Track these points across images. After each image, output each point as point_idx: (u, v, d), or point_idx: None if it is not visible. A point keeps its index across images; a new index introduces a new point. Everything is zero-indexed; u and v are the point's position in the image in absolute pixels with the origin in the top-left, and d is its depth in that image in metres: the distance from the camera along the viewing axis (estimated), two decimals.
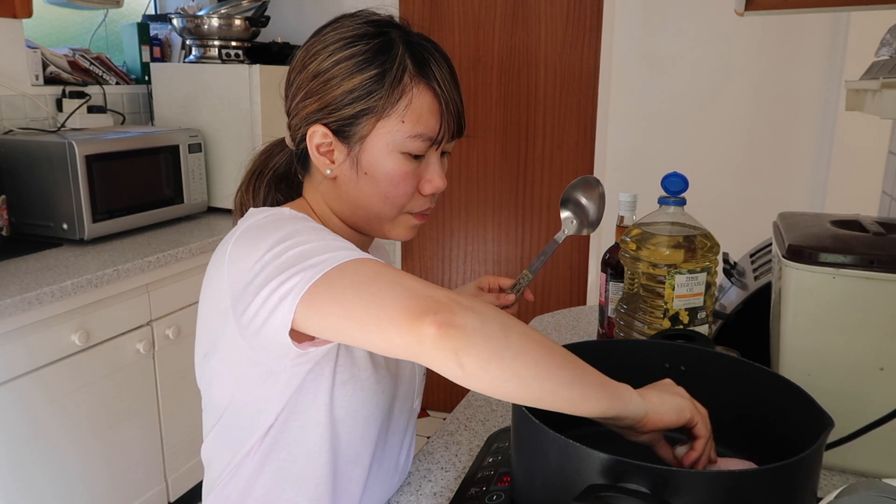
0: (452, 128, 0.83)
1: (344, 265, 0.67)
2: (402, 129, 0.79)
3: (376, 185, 0.82)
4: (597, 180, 1.10)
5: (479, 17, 2.78)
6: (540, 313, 1.63)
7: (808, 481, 0.65)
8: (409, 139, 0.80)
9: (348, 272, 0.66)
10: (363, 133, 0.80)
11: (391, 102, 0.79)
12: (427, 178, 0.84)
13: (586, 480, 0.61)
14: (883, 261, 0.85)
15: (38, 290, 1.62)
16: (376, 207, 0.84)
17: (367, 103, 0.79)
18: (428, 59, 0.80)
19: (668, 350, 0.86)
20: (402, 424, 0.94)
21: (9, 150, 2.07)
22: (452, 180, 2.95)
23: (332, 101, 0.80)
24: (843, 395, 0.86)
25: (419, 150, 0.81)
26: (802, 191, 2.43)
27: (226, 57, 2.56)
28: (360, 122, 0.80)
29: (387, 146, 0.80)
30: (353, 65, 0.79)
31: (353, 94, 0.79)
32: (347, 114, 0.80)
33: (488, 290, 1.11)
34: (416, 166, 0.82)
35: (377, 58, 0.79)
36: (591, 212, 1.08)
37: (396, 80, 0.78)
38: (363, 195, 0.83)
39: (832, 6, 1.35)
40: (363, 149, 0.81)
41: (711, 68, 2.45)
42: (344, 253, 0.69)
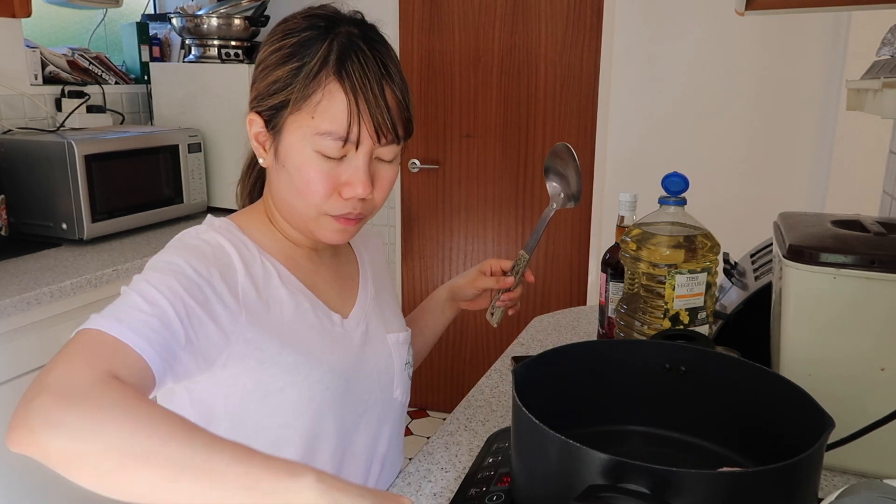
0: (372, 132, 0.80)
1: (82, 332, 0.67)
2: (311, 125, 0.79)
3: (291, 179, 0.83)
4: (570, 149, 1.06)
5: (479, 17, 2.77)
6: (540, 313, 1.63)
7: (808, 482, 0.65)
8: (318, 136, 0.79)
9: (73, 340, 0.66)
10: (281, 124, 0.82)
11: (304, 96, 0.79)
12: (346, 180, 0.82)
13: (586, 480, 0.61)
14: (883, 261, 0.84)
15: (37, 290, 1.62)
16: (294, 203, 0.84)
17: (284, 95, 0.80)
18: (352, 58, 0.79)
19: (668, 350, 0.86)
20: (375, 415, 0.94)
21: (8, 149, 2.06)
22: (453, 180, 2.95)
23: (262, 90, 0.83)
24: (844, 396, 0.85)
25: (330, 149, 0.80)
26: (802, 191, 2.43)
27: (225, 56, 2.56)
28: (280, 114, 0.82)
29: (299, 141, 0.81)
30: (280, 57, 0.81)
31: (276, 84, 0.81)
32: (270, 104, 0.82)
33: (490, 273, 1.11)
34: (332, 167, 0.81)
35: (300, 51, 0.80)
36: (572, 184, 1.07)
37: (312, 74, 0.79)
38: (283, 188, 0.85)
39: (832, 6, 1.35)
40: (280, 141, 0.83)
41: (712, 68, 2.45)
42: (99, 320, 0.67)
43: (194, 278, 0.76)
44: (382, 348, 0.97)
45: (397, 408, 1.00)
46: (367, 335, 0.95)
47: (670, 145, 2.54)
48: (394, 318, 1.03)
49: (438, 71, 2.86)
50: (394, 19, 2.83)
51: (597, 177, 2.69)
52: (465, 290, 1.13)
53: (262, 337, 0.81)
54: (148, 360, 0.67)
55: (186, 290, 0.74)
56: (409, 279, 3.11)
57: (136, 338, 0.67)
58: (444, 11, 2.81)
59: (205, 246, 0.81)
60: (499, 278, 1.09)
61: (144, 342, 0.67)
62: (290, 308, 0.85)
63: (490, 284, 1.09)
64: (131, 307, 0.70)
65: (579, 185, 1.06)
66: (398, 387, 0.98)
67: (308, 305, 0.88)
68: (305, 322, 0.87)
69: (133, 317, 0.69)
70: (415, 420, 3.08)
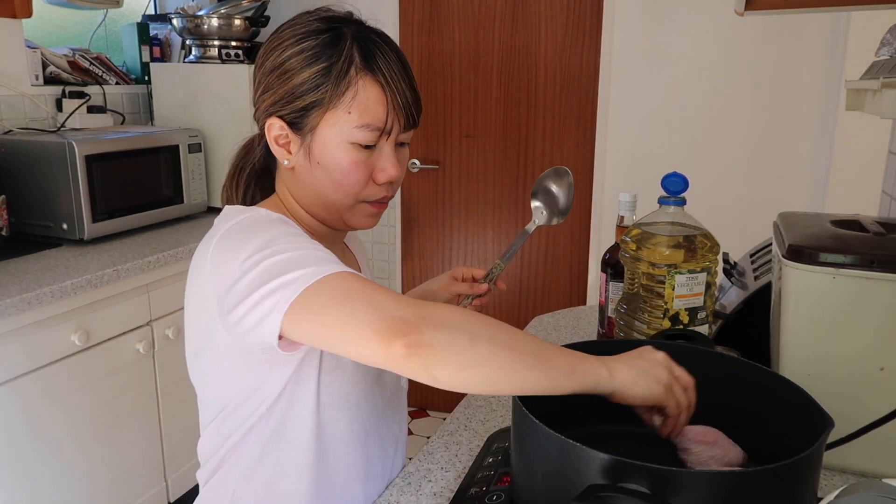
0: (402, 118, 0.85)
1: (320, 282, 0.71)
2: (349, 120, 0.83)
3: (328, 174, 0.86)
4: (566, 170, 1.12)
5: (479, 17, 2.77)
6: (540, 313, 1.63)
7: (808, 481, 0.65)
8: (356, 129, 0.83)
9: (325, 289, 0.71)
10: (313, 124, 0.84)
11: (338, 94, 0.82)
12: (380, 167, 0.87)
13: (586, 480, 0.61)
14: (883, 261, 0.84)
15: (37, 290, 1.62)
16: (331, 196, 0.87)
17: (315, 95, 0.83)
18: (375, 53, 0.83)
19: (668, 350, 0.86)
20: (392, 401, 1.01)
21: (9, 150, 2.06)
22: (453, 180, 2.95)
23: (286, 94, 0.85)
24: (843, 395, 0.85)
25: (367, 140, 0.84)
26: (802, 191, 2.43)
27: (226, 57, 2.56)
28: (311, 114, 0.84)
29: (336, 136, 0.84)
30: (304, 59, 0.83)
31: (304, 86, 0.83)
32: (298, 106, 0.84)
33: (462, 279, 1.14)
34: (367, 156, 0.85)
35: (325, 52, 0.83)
36: (560, 201, 1.10)
37: (343, 72, 0.82)
38: (318, 184, 0.87)
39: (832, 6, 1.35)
40: (314, 139, 0.85)
41: (712, 68, 2.45)
42: (318, 269, 0.73)
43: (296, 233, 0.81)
44: None
45: (404, 395, 1.06)
46: None
47: (670, 145, 2.55)
48: None
49: (438, 71, 2.86)
50: (394, 19, 2.83)
51: (597, 177, 2.70)
52: (438, 295, 1.16)
53: None
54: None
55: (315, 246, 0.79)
56: (409, 279, 3.11)
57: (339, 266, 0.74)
58: (444, 11, 2.81)
59: (283, 220, 0.85)
60: (473, 284, 1.14)
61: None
62: None
63: (465, 290, 1.14)
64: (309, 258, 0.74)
65: (569, 203, 1.09)
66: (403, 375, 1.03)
67: None
68: None
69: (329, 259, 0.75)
70: (415, 420, 3.08)
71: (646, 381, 0.73)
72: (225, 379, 0.86)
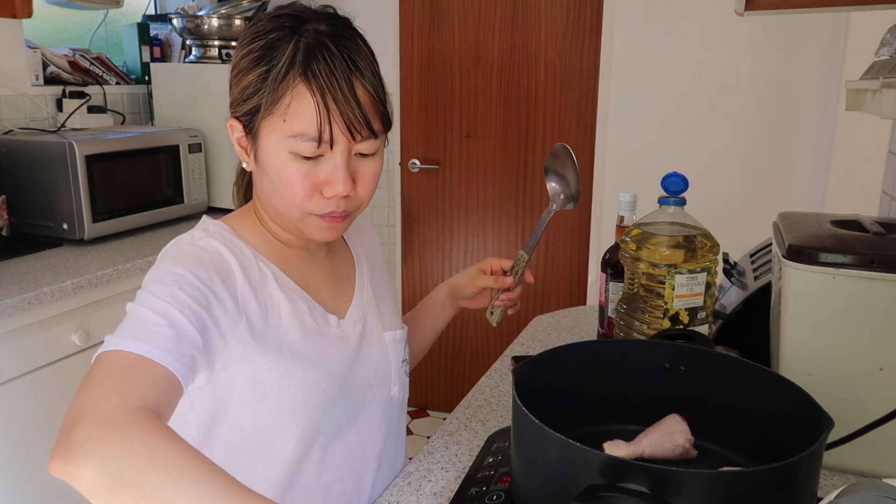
0: (344, 129, 0.79)
1: (103, 355, 0.70)
2: (284, 128, 0.79)
3: (272, 183, 0.82)
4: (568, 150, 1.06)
5: (479, 17, 2.78)
6: (540, 313, 1.63)
7: (808, 481, 0.65)
8: (292, 139, 0.79)
9: (96, 364, 0.70)
10: (257, 129, 0.81)
11: (275, 100, 0.79)
12: (326, 179, 0.81)
13: (586, 480, 0.61)
14: (883, 261, 0.85)
15: (38, 290, 1.62)
16: (278, 205, 0.84)
17: (256, 100, 0.80)
18: (317, 57, 0.78)
19: (668, 350, 0.86)
20: (372, 413, 0.95)
21: (9, 150, 2.07)
22: (453, 180, 2.95)
23: (236, 96, 0.83)
24: (843, 395, 0.86)
25: (305, 150, 0.79)
26: (802, 191, 2.43)
27: (226, 57, 2.56)
28: (255, 118, 0.81)
29: (274, 145, 0.80)
30: (249, 61, 0.81)
31: (248, 90, 0.81)
32: (244, 110, 0.82)
33: (490, 272, 1.11)
34: (310, 167, 0.80)
35: (267, 54, 0.79)
36: (572, 185, 1.07)
37: (279, 77, 0.78)
38: (266, 191, 0.85)
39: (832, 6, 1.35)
40: (258, 146, 0.82)
41: (711, 68, 2.45)
42: (119, 340, 0.70)
43: (196, 284, 0.76)
44: (379, 346, 0.97)
45: (395, 405, 1.00)
46: (364, 334, 0.95)
47: (670, 145, 2.55)
48: (391, 315, 1.03)
49: (438, 71, 2.86)
50: (394, 19, 2.83)
51: (597, 177, 2.70)
52: (464, 289, 1.13)
53: (259, 342, 0.82)
54: (173, 370, 0.69)
55: (190, 296, 0.75)
56: (409, 279, 3.11)
57: (157, 352, 0.69)
58: (444, 12, 2.81)
59: (202, 253, 0.82)
60: (498, 277, 1.09)
61: (167, 354, 0.69)
62: (288, 311, 0.86)
63: (489, 283, 1.09)
64: (145, 322, 0.72)
65: (578, 186, 1.06)
66: (395, 384, 0.99)
67: (305, 307, 0.88)
68: (302, 325, 0.87)
69: (149, 331, 0.71)
70: (415, 420, 3.08)
71: None
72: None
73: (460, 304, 1.16)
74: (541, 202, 2.85)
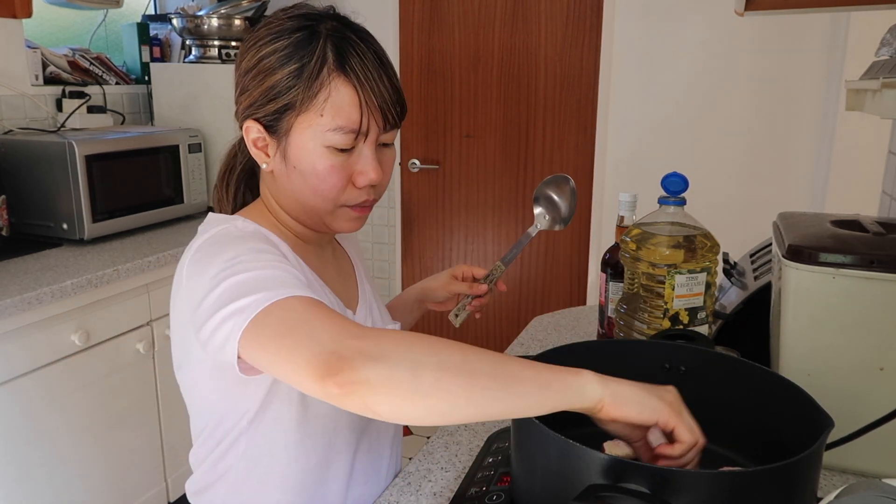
0: (379, 119, 0.82)
1: (268, 309, 0.68)
2: (322, 123, 0.80)
3: (305, 179, 0.83)
4: (567, 178, 1.11)
5: (479, 17, 2.77)
6: (540, 313, 1.63)
7: (808, 481, 0.65)
8: (330, 132, 0.80)
9: (272, 318, 0.68)
10: (287, 127, 0.82)
11: (310, 96, 0.79)
12: (359, 170, 0.83)
13: (586, 480, 0.61)
14: (883, 261, 0.84)
15: (38, 290, 1.62)
16: (310, 201, 0.84)
17: (287, 98, 0.80)
18: (348, 52, 0.80)
19: (668, 350, 0.86)
20: None
21: (9, 150, 2.06)
22: (453, 180, 2.95)
23: (259, 96, 0.82)
24: (843, 395, 0.85)
25: (343, 143, 0.81)
26: (802, 191, 2.43)
27: (226, 57, 2.56)
28: (284, 117, 0.81)
29: (310, 140, 0.81)
30: (276, 60, 0.80)
31: (276, 89, 0.80)
32: (272, 109, 0.81)
33: (462, 278, 1.12)
34: (344, 159, 0.82)
35: (297, 52, 0.80)
36: (563, 208, 1.09)
37: (314, 73, 0.79)
38: (296, 189, 0.85)
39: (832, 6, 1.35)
40: (289, 143, 0.82)
41: (711, 68, 2.45)
42: (269, 293, 0.69)
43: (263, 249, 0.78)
44: None
45: None
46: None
47: (670, 145, 2.55)
48: (385, 312, 1.06)
49: (438, 71, 2.86)
50: (394, 19, 2.83)
51: (597, 177, 2.70)
52: (437, 293, 1.15)
53: None
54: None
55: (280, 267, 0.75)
56: (409, 279, 3.11)
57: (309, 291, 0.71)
58: (444, 11, 2.81)
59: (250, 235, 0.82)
60: (472, 284, 1.12)
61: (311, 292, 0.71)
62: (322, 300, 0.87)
63: (464, 290, 1.12)
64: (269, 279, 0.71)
65: (571, 210, 1.08)
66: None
67: (332, 299, 0.90)
68: None
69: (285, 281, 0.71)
70: None
71: (646, 396, 0.65)
72: (205, 392, 0.85)
73: (428, 306, 1.18)
74: None
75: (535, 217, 1.11)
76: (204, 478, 0.90)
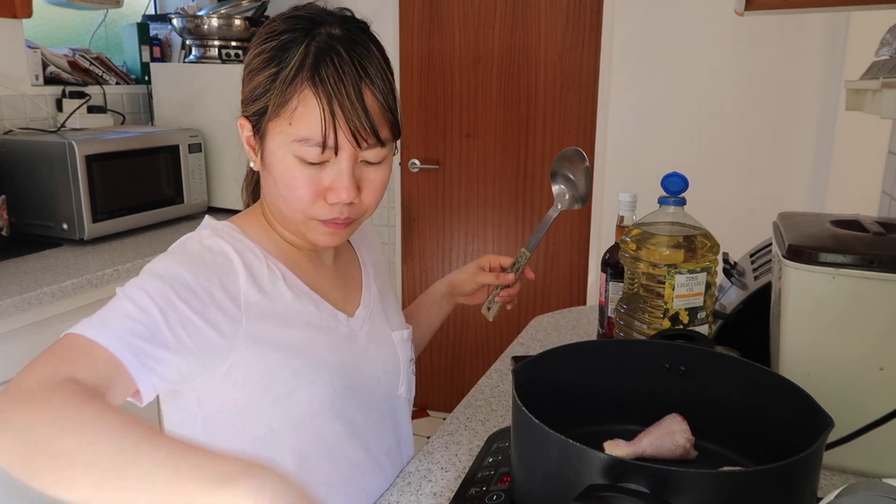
0: (352, 136, 0.77)
1: (64, 337, 0.70)
2: (289, 132, 0.78)
3: (276, 185, 0.82)
4: (581, 153, 1.07)
5: (479, 17, 2.77)
6: (540, 313, 1.64)
7: (807, 481, 0.65)
8: (296, 143, 0.78)
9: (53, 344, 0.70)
10: (264, 130, 0.81)
11: (282, 103, 0.78)
12: (329, 186, 0.80)
13: (586, 480, 0.61)
14: (883, 261, 0.85)
15: (38, 290, 1.62)
16: (282, 207, 0.84)
17: (263, 101, 0.80)
18: (326, 62, 0.76)
19: (668, 350, 0.86)
20: (382, 413, 0.95)
21: (9, 150, 2.06)
22: (453, 180, 2.95)
23: (246, 96, 0.83)
24: (843, 395, 0.85)
25: (309, 155, 0.78)
26: (802, 191, 2.43)
27: (226, 57, 2.56)
28: (262, 119, 0.81)
29: (279, 147, 0.80)
30: (260, 62, 0.80)
31: (257, 90, 0.80)
32: (253, 110, 0.81)
33: (489, 268, 1.11)
34: (314, 172, 0.79)
35: (277, 56, 0.79)
36: (580, 186, 1.07)
37: (288, 80, 0.77)
38: (271, 193, 0.85)
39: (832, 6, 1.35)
40: (265, 147, 0.82)
41: (711, 68, 2.45)
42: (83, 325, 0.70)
43: (191, 285, 0.76)
44: (388, 346, 0.97)
45: (403, 404, 1.01)
46: (372, 334, 0.95)
47: (670, 145, 2.55)
48: (396, 315, 1.03)
49: (438, 71, 2.86)
50: (394, 19, 2.83)
51: (597, 177, 2.70)
52: (464, 285, 1.13)
53: (268, 341, 0.81)
54: (125, 363, 0.68)
55: (181, 297, 0.74)
56: (409, 279, 3.11)
57: (113, 342, 0.68)
58: (444, 11, 2.81)
59: (206, 253, 0.81)
60: (499, 274, 1.09)
61: (122, 345, 0.68)
62: (297, 310, 0.85)
63: (490, 280, 1.10)
64: (119, 312, 0.71)
65: (588, 188, 1.07)
66: (403, 383, 0.99)
67: (313, 307, 0.88)
68: (312, 324, 0.86)
69: (117, 322, 0.70)
70: (415, 420, 3.07)
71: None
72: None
73: (458, 300, 1.16)
74: (541, 202, 2.85)
75: (556, 196, 1.07)
76: None
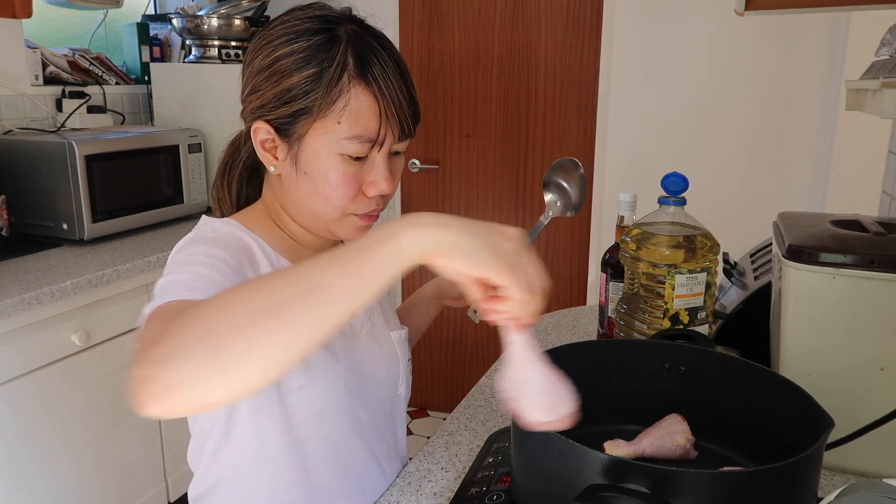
0: (396, 129, 0.80)
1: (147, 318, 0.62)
2: (339, 131, 0.78)
3: (315, 185, 0.81)
4: (576, 162, 1.07)
5: (479, 17, 2.77)
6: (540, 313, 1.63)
7: (808, 481, 0.65)
8: (346, 141, 0.78)
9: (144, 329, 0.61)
10: (301, 132, 0.80)
11: (328, 103, 0.77)
12: (370, 180, 0.82)
13: (586, 480, 0.61)
14: (883, 261, 0.84)
15: (37, 290, 1.62)
16: (318, 208, 0.83)
17: (303, 103, 0.78)
18: (370, 59, 0.78)
19: (668, 350, 0.86)
20: (384, 411, 0.96)
21: (9, 150, 2.06)
22: (453, 180, 2.95)
23: (273, 98, 0.80)
24: (844, 395, 0.85)
25: (358, 151, 0.79)
26: (802, 191, 2.43)
27: (225, 57, 2.56)
28: (299, 121, 0.79)
29: (324, 147, 0.79)
30: (293, 62, 0.78)
31: (291, 92, 0.78)
32: (286, 112, 0.79)
33: None
34: (356, 168, 0.81)
35: (317, 56, 0.78)
36: (573, 195, 1.07)
37: (334, 80, 0.77)
38: (304, 195, 0.83)
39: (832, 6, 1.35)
40: (301, 148, 0.81)
41: (711, 68, 2.45)
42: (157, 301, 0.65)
43: (227, 260, 0.76)
44: (388, 346, 0.98)
45: (401, 402, 1.02)
46: (372, 333, 0.96)
47: (670, 145, 2.55)
48: (392, 316, 1.04)
49: (438, 71, 2.86)
50: (394, 19, 2.83)
51: (597, 177, 2.70)
52: (451, 288, 1.14)
53: None
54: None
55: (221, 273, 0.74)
56: (409, 279, 3.10)
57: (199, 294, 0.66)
58: (444, 11, 2.81)
59: (228, 237, 0.82)
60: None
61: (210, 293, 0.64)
62: None
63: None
64: (180, 285, 0.70)
65: (582, 196, 1.06)
66: (402, 383, 1.00)
67: None
68: None
69: (186, 286, 0.69)
70: (415, 420, 3.08)
71: (476, 247, 0.57)
72: None
73: (445, 303, 1.17)
74: (540, 202, 2.84)
75: (547, 204, 1.08)
76: (200, 485, 0.90)
